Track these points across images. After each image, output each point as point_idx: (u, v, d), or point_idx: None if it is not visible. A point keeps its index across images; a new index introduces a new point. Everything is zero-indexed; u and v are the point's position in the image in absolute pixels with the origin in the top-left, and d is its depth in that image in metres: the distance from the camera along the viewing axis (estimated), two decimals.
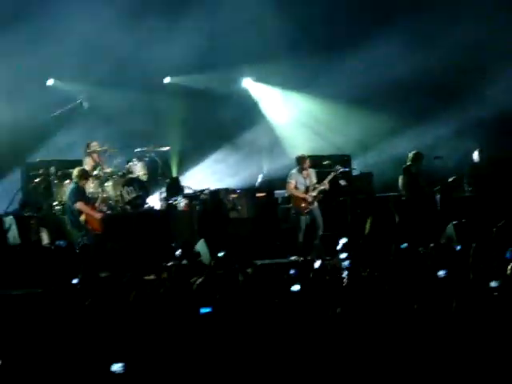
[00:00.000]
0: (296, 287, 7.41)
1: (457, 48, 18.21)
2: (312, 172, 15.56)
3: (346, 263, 9.82)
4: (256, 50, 18.92)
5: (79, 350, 6.54)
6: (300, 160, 15.51)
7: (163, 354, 6.35)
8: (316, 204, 15.30)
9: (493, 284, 7.07)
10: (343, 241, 12.61)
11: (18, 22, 17.66)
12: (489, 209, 15.91)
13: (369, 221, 14.81)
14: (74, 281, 9.30)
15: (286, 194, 15.86)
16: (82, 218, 13.53)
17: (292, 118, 20.60)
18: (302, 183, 15.37)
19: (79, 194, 13.74)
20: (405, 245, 10.64)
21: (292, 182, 15.40)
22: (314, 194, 15.32)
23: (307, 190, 15.33)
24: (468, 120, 18.65)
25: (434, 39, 18.57)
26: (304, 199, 15.24)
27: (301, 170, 15.43)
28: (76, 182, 13.88)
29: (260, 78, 20.59)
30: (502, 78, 18.28)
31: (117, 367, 5.97)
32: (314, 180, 15.46)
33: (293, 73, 19.70)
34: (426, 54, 18.54)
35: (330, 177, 15.61)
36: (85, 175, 14.12)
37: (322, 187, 15.40)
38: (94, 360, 6.29)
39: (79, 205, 13.58)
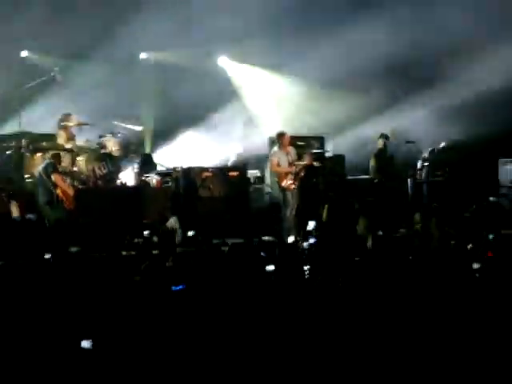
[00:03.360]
0: (270, 267, 7.42)
1: (433, 31, 18.23)
2: (292, 149, 15.57)
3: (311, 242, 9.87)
4: (232, 27, 18.82)
5: (49, 325, 6.50)
6: (280, 136, 15.52)
7: (134, 330, 6.32)
8: (297, 183, 15.34)
9: (475, 266, 7.14)
10: (312, 223, 12.66)
11: None
12: (458, 194, 16.04)
13: (326, 208, 14.87)
14: (47, 256, 9.24)
15: (271, 171, 15.75)
16: (58, 191, 13.47)
17: (267, 97, 20.55)
18: (284, 160, 15.38)
19: (55, 167, 13.74)
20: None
21: (274, 160, 15.40)
22: (297, 169, 15.35)
23: (289, 167, 15.37)
24: (442, 104, 18.69)
25: (411, 22, 18.57)
26: (289, 174, 15.26)
27: (281, 147, 15.44)
28: (50, 159, 13.91)
29: (235, 57, 20.51)
30: (477, 61, 18.32)
31: (86, 343, 5.94)
32: (295, 157, 15.48)
33: (269, 52, 19.62)
34: (401, 37, 18.53)
35: (309, 153, 15.68)
36: (59, 159, 14.17)
37: (305, 162, 15.42)
38: (63, 336, 6.25)
39: (55, 177, 13.53)
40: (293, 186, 15.28)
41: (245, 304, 6.35)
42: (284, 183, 15.29)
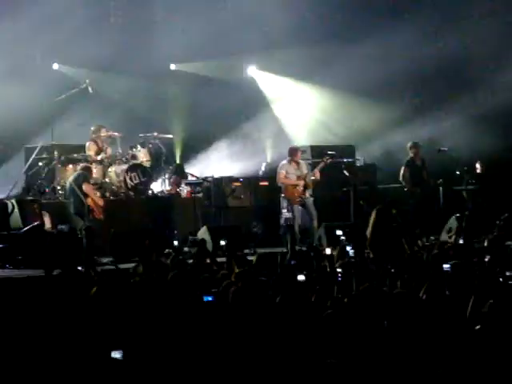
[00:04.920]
0: (301, 277, 7.40)
1: (464, 38, 18.10)
2: (303, 163, 15.64)
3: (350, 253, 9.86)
4: (261, 38, 18.88)
5: (80, 334, 6.53)
6: (291, 151, 15.62)
7: (164, 341, 6.34)
8: (308, 194, 15.35)
9: (508, 273, 7.07)
10: (339, 232, 12.64)
11: (21, 7, 17.63)
12: (491, 202, 15.93)
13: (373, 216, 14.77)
14: (79, 267, 9.32)
15: (279, 184, 15.79)
16: (89, 200, 13.60)
17: (296, 107, 20.54)
18: (292, 173, 15.43)
19: (86, 177, 13.90)
20: None
21: (282, 172, 15.50)
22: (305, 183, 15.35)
23: (298, 180, 15.39)
24: (475, 111, 18.47)
25: (442, 29, 18.49)
26: (295, 187, 15.28)
27: (291, 161, 15.51)
28: (81, 170, 14.14)
29: (265, 67, 20.53)
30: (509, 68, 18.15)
31: (117, 354, 5.95)
32: (305, 171, 15.51)
33: (298, 62, 19.64)
34: (432, 45, 18.47)
35: (319, 166, 15.65)
36: (90, 170, 14.35)
37: (313, 177, 15.45)
38: (94, 346, 6.28)
39: (86, 187, 13.67)
40: (298, 200, 15.28)
41: (277, 315, 6.33)
42: (291, 196, 15.30)
